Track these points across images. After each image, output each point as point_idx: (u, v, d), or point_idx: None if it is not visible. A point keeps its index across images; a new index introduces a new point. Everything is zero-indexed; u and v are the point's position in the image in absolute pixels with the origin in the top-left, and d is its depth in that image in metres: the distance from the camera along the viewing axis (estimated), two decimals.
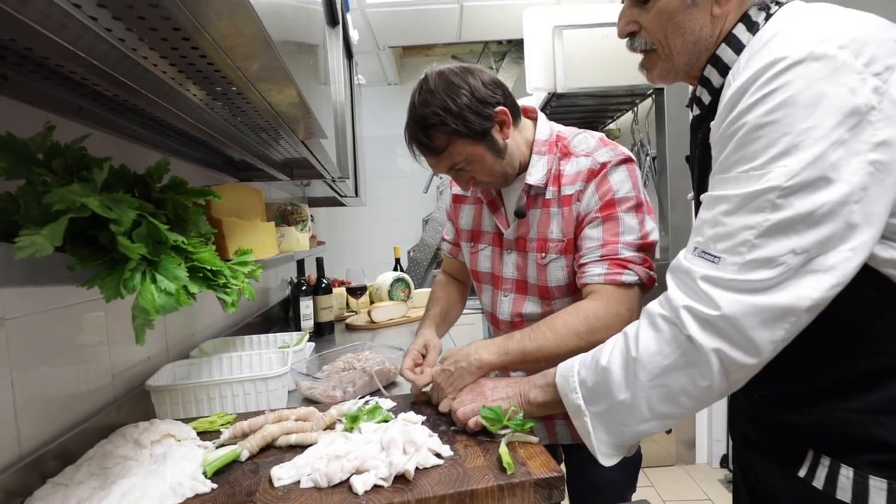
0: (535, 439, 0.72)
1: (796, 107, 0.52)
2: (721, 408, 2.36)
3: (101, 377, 0.87)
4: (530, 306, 0.98)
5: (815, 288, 0.53)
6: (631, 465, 1.03)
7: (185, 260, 0.59)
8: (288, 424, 0.78)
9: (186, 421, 0.86)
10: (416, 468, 0.65)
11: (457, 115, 0.83)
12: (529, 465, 0.66)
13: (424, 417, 0.80)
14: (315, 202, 2.86)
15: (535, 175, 0.92)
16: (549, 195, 0.92)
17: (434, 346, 1.04)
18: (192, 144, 1.06)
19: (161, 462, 0.69)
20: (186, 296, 0.54)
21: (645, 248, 0.87)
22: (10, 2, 0.40)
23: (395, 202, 3.66)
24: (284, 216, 1.43)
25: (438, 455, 0.68)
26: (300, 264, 1.71)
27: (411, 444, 0.68)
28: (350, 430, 0.78)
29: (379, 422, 0.79)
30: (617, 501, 1.00)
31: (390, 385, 1.13)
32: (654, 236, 0.88)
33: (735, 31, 0.65)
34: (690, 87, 0.74)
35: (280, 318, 2.09)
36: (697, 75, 0.70)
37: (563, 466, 1.09)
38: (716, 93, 0.67)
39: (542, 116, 0.98)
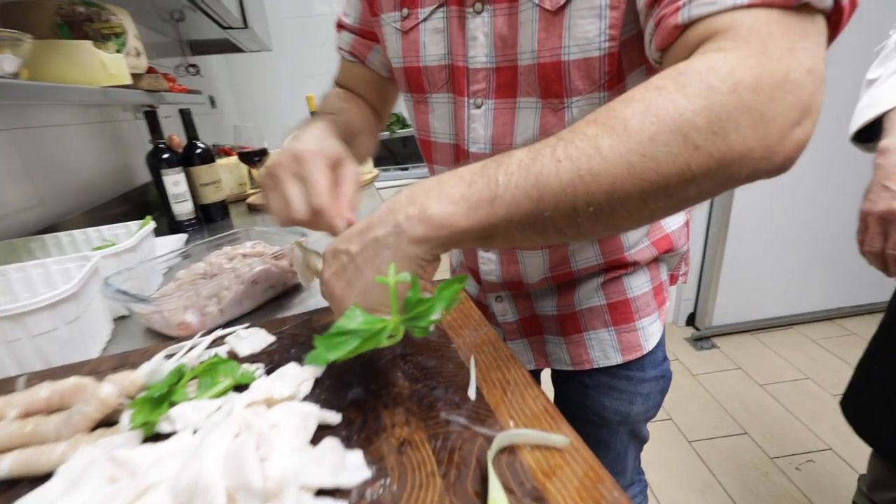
0: (560, 440, 0.32)
1: None
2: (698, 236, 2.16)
3: None
4: (525, 118, 0.50)
5: None
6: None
7: None
8: (5, 430, 0.34)
9: None
10: None
11: None
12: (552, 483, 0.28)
13: (311, 387, 0.39)
14: (200, 47, 2.11)
15: None
16: None
17: (348, 166, 0.48)
18: None
19: None
20: None
21: None
22: None
23: (311, 51, 2.82)
24: (73, 25, 0.81)
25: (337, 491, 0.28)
26: (151, 118, 1.12)
27: (270, 480, 0.27)
28: (143, 431, 0.35)
29: (216, 395, 0.37)
30: (629, 437, 0.71)
31: (285, 295, 0.70)
32: None
33: None
34: None
35: (159, 204, 1.54)
36: None
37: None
38: None
39: None
